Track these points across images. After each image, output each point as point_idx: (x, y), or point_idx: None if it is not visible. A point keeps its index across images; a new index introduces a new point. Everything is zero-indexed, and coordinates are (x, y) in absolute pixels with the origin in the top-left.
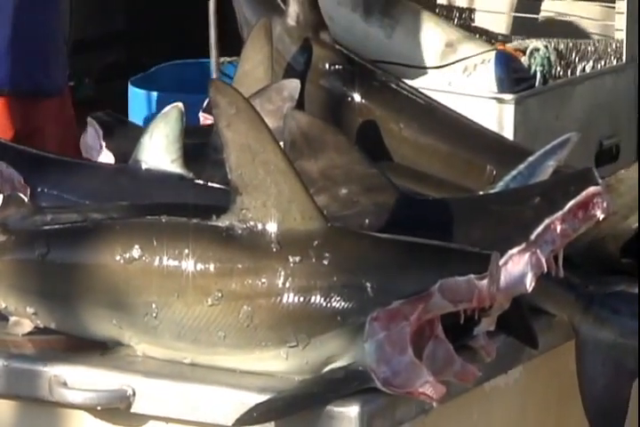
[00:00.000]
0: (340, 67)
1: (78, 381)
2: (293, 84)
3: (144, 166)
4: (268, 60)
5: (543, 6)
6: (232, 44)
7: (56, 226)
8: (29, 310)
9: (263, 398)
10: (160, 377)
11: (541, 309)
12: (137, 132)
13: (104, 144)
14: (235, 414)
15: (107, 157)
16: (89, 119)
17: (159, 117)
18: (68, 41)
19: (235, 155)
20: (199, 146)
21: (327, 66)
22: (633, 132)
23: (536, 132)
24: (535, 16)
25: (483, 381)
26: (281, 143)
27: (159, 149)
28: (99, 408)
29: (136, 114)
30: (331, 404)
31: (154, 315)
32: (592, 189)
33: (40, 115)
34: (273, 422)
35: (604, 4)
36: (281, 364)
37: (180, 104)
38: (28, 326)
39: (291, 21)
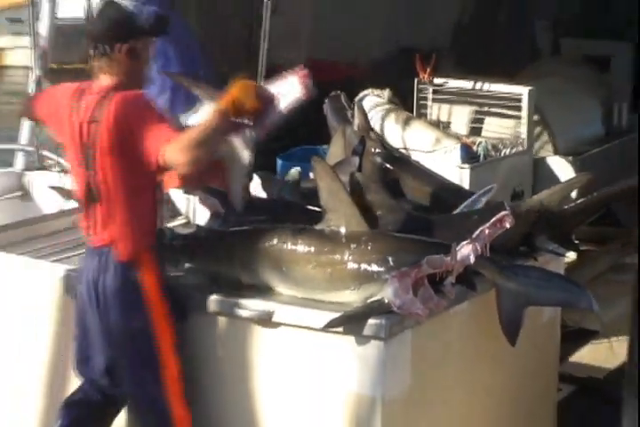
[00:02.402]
0: (380, 150)
1: (246, 305)
2: (356, 159)
3: (281, 200)
4: (344, 147)
5: (485, 121)
6: (328, 136)
7: (236, 229)
8: (226, 271)
9: (338, 314)
10: (287, 304)
11: (478, 272)
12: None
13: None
14: (324, 322)
15: (263, 195)
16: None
17: (288, 175)
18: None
19: (325, 194)
20: (309, 189)
21: (373, 149)
22: (530, 185)
23: (481, 185)
24: (480, 126)
25: (448, 308)
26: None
27: (288, 192)
28: (255, 319)
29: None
30: (371, 318)
31: (284, 272)
32: (503, 212)
33: None
34: (343, 327)
35: (515, 119)
36: (347, 298)
37: (299, 168)
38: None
39: (355, 128)
